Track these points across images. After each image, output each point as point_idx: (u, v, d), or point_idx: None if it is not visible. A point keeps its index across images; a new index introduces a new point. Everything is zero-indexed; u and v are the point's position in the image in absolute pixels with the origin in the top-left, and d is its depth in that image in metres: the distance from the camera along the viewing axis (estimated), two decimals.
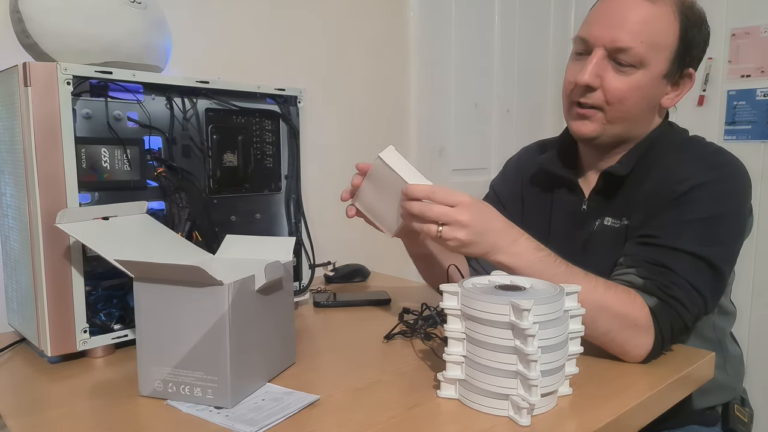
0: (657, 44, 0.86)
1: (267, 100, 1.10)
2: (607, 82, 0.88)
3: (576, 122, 0.94)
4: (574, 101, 0.92)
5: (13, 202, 0.89)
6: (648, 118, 0.93)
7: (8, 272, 0.95)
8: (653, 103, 0.91)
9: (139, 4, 0.92)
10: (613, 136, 0.92)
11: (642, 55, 0.85)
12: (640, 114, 0.91)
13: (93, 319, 0.87)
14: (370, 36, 1.71)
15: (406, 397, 0.73)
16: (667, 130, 0.96)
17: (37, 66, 0.80)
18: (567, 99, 0.95)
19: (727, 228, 0.85)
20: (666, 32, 0.87)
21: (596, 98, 0.89)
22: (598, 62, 0.87)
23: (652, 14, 0.86)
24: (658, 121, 0.96)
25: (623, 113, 0.89)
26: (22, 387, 0.79)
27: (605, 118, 0.90)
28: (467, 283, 0.72)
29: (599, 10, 0.90)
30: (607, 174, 0.94)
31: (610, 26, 0.86)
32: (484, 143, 2.08)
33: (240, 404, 0.71)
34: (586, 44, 0.90)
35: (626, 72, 0.87)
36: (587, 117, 0.91)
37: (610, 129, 0.91)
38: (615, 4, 0.88)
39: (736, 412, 0.98)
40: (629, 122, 0.91)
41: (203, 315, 0.69)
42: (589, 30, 0.89)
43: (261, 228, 1.10)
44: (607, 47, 0.87)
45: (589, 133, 0.92)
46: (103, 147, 0.88)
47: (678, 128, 0.98)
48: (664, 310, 0.79)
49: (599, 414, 0.68)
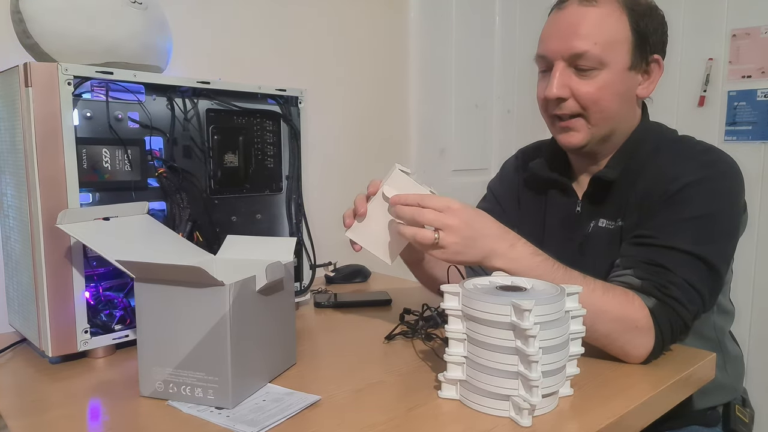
0: (611, 42, 0.88)
1: (268, 101, 1.10)
2: (575, 89, 0.90)
3: (562, 135, 0.95)
4: (553, 115, 0.95)
5: (14, 202, 0.89)
6: (628, 111, 0.95)
7: (9, 273, 0.95)
8: (628, 96, 0.93)
9: (140, 4, 0.92)
10: (602, 138, 0.94)
11: (599, 56, 0.88)
12: (618, 109, 0.92)
13: (94, 319, 0.87)
14: (370, 37, 1.71)
15: (407, 398, 0.73)
16: (652, 128, 0.97)
17: (38, 66, 0.80)
18: (546, 115, 0.98)
19: (722, 226, 0.85)
20: (616, 28, 0.89)
21: (570, 107, 0.92)
22: (562, 73, 0.90)
23: (599, 16, 0.88)
24: (639, 113, 0.97)
25: (602, 113, 0.91)
26: (23, 387, 0.79)
27: (589, 123, 0.92)
28: (468, 284, 0.72)
29: (550, 26, 0.93)
30: (597, 179, 0.96)
31: (563, 38, 0.89)
32: (485, 144, 2.08)
33: (241, 405, 0.71)
34: (546, 60, 0.93)
35: (590, 75, 0.89)
36: (572, 128, 0.93)
37: (596, 132, 0.93)
38: (562, 16, 0.91)
39: (737, 413, 0.98)
40: (612, 120, 0.92)
41: (204, 315, 0.69)
42: (545, 46, 0.93)
43: (262, 228, 1.10)
44: (565, 57, 0.90)
45: (578, 142, 0.94)
46: (104, 147, 0.88)
47: (667, 128, 0.99)
48: (663, 310, 0.79)
49: (600, 415, 0.68)
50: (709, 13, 1.82)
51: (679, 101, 1.89)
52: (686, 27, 1.86)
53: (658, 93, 0.96)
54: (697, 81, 1.86)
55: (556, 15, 0.93)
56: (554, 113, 0.94)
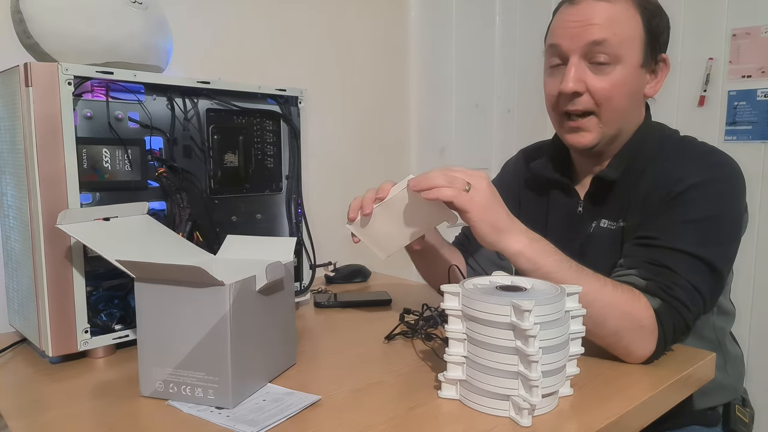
0: (626, 38, 0.88)
1: (268, 101, 1.10)
2: (591, 84, 0.89)
3: (571, 135, 0.94)
4: (563, 112, 0.93)
5: (14, 202, 0.89)
6: (636, 110, 0.95)
7: (9, 273, 0.95)
8: (638, 94, 0.93)
9: (140, 4, 0.92)
10: (611, 137, 0.93)
11: (616, 49, 0.87)
12: (628, 108, 0.92)
13: (94, 319, 0.87)
14: (371, 36, 1.71)
15: (407, 398, 0.73)
16: (654, 128, 0.97)
17: (39, 66, 0.80)
18: (555, 112, 0.96)
19: (725, 228, 0.85)
20: (630, 25, 0.89)
21: (585, 102, 0.90)
22: (577, 67, 0.89)
23: (614, 11, 0.88)
24: (643, 113, 0.97)
25: (614, 111, 0.90)
26: (23, 387, 0.79)
27: (600, 122, 0.91)
28: (468, 284, 0.72)
29: (564, 19, 0.91)
30: (599, 179, 0.95)
31: (579, 28, 0.88)
32: (485, 143, 2.08)
33: (241, 405, 0.71)
34: (559, 51, 0.91)
35: (605, 71, 0.89)
36: (582, 128, 0.92)
37: (607, 131, 0.92)
38: (577, 10, 0.90)
39: (737, 413, 0.98)
40: (622, 119, 0.92)
41: (204, 315, 0.69)
42: (559, 37, 0.91)
43: (262, 228, 1.10)
44: (582, 48, 0.88)
45: (588, 143, 0.93)
46: (104, 147, 0.88)
47: (669, 129, 0.98)
48: (667, 311, 0.79)
49: (600, 415, 0.68)
50: (710, 12, 1.82)
51: (679, 101, 1.89)
52: (686, 27, 1.85)
53: (659, 93, 0.96)
54: (697, 81, 1.86)
55: (568, 8, 0.91)
56: (566, 110, 0.92)
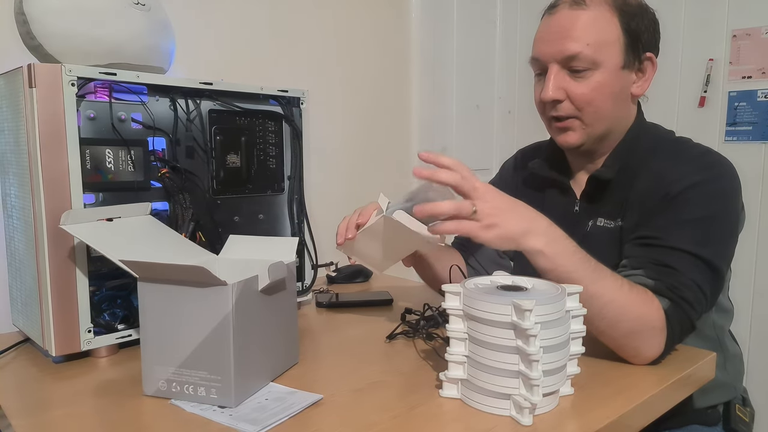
0: (603, 42, 0.90)
1: (270, 102, 1.10)
2: (570, 90, 0.92)
3: (560, 135, 0.97)
4: (549, 117, 0.97)
5: (17, 202, 0.89)
6: (624, 109, 0.96)
7: (13, 272, 0.96)
8: (623, 95, 0.94)
9: (143, 6, 0.93)
10: (598, 137, 0.95)
11: (592, 56, 0.89)
12: (613, 109, 0.93)
13: (97, 319, 0.87)
14: (372, 37, 1.71)
15: (409, 397, 0.73)
16: (648, 128, 0.98)
17: (42, 67, 0.80)
18: (543, 117, 1.00)
19: (722, 227, 0.86)
20: (607, 29, 0.90)
21: (566, 108, 0.93)
22: (556, 76, 0.92)
23: (589, 18, 0.90)
24: (634, 112, 0.98)
25: (597, 113, 0.92)
26: (26, 387, 0.79)
27: (584, 124, 0.94)
28: (469, 284, 0.72)
29: (542, 30, 0.95)
30: (594, 178, 0.97)
31: (556, 41, 0.91)
32: (486, 144, 2.09)
33: (243, 404, 0.71)
34: (540, 63, 0.95)
35: (584, 76, 0.91)
36: (568, 128, 0.95)
37: (592, 131, 0.94)
38: (554, 20, 0.92)
39: (738, 412, 0.99)
40: (607, 119, 0.94)
41: (207, 315, 0.69)
42: (538, 50, 0.95)
43: (264, 228, 1.11)
44: (559, 60, 0.91)
45: (574, 142, 0.95)
46: (107, 148, 0.89)
47: (663, 129, 1.00)
48: (676, 311, 0.80)
49: (601, 414, 0.68)
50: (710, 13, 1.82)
51: (679, 102, 1.89)
52: (686, 27, 1.86)
53: (659, 93, 0.97)
54: (698, 81, 1.86)
55: (547, 19, 0.94)
56: (551, 115, 0.96)
